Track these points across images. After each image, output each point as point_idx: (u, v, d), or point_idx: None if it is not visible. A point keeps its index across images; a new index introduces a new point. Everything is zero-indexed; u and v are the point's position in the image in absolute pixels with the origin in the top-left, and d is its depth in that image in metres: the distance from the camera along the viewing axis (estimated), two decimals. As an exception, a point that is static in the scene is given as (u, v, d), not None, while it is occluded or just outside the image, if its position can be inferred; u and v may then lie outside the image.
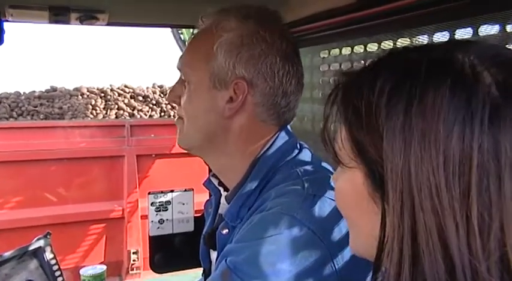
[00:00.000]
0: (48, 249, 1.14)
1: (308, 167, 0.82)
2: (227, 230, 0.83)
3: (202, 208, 1.02)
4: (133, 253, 3.05)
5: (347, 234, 0.72)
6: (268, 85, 0.81)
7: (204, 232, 0.96)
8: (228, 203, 0.85)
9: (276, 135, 0.85)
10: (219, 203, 0.94)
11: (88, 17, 1.04)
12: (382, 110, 0.42)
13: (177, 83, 0.89)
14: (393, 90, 0.42)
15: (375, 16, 1.03)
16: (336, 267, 0.68)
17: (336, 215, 0.71)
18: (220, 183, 0.92)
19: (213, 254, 0.93)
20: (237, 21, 0.82)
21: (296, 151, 0.85)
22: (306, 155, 0.85)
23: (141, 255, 3.03)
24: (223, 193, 0.91)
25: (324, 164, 0.87)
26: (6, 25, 1.07)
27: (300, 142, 0.89)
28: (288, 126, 0.88)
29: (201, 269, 1.15)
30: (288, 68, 0.82)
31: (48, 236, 1.16)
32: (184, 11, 1.07)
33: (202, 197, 1.47)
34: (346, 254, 0.69)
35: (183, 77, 0.87)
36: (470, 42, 0.53)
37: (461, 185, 0.38)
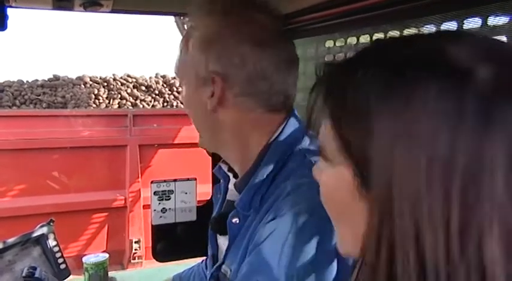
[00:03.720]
0: (51, 236, 1.14)
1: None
2: (237, 219, 0.83)
3: (205, 197, 1.02)
4: (135, 242, 3.06)
5: None
6: (243, 74, 0.80)
7: (213, 216, 0.97)
8: (239, 192, 0.84)
9: (285, 123, 0.84)
10: (227, 189, 0.94)
11: (92, 3, 1.03)
12: (370, 108, 0.40)
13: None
14: (381, 88, 0.40)
15: (379, 6, 1.02)
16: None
17: None
18: (230, 169, 0.92)
19: (220, 239, 0.93)
20: (204, 18, 0.83)
21: (307, 139, 0.83)
22: (317, 143, 0.84)
23: (143, 244, 3.05)
24: (232, 179, 0.91)
25: None
26: (10, 11, 1.06)
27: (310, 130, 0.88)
28: (297, 114, 0.88)
29: (203, 258, 1.16)
30: (264, 52, 0.81)
31: (51, 224, 1.16)
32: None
33: (204, 188, 1.48)
34: None
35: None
36: (462, 34, 0.50)
37: (443, 189, 0.36)
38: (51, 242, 1.14)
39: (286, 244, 0.68)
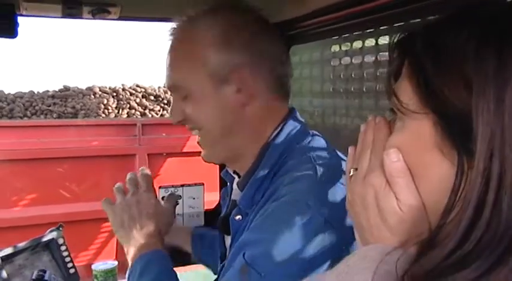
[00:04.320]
0: (60, 241, 1.16)
1: (321, 153, 0.82)
2: (240, 217, 0.84)
3: (212, 205, 1.03)
4: (144, 251, 3.06)
5: None
6: (266, 61, 0.83)
7: (219, 218, 0.97)
8: (241, 190, 0.85)
9: (285, 121, 0.86)
10: (232, 189, 0.96)
11: (100, 10, 1.04)
12: (471, 53, 0.40)
13: (174, 103, 0.88)
14: (482, 33, 0.41)
15: (382, 8, 1.03)
16: (348, 251, 0.69)
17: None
18: (236, 171, 0.93)
19: (227, 240, 0.94)
20: (211, 17, 0.84)
21: (309, 138, 0.85)
22: (319, 142, 0.86)
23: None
24: (236, 180, 0.92)
25: (339, 152, 0.87)
26: (21, 20, 1.08)
27: (312, 130, 0.89)
28: (297, 113, 0.90)
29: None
30: (274, 39, 0.86)
31: (60, 228, 1.17)
32: (199, 4, 1.08)
33: (212, 196, 1.48)
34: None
35: (180, 93, 0.86)
36: None
37: None
38: (61, 247, 1.15)
39: (276, 224, 0.71)
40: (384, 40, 1.16)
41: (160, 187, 1.37)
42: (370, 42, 1.21)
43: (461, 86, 0.41)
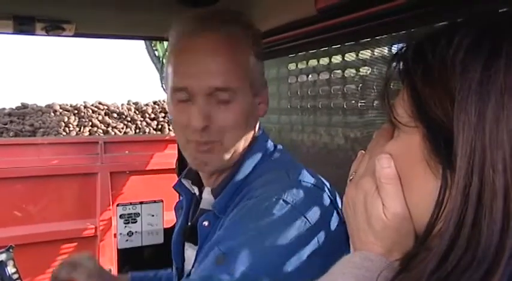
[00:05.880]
0: (10, 263, 1.11)
1: (288, 161, 0.88)
2: (208, 223, 0.85)
3: (172, 224, 1.02)
4: (106, 272, 2.97)
5: (329, 217, 0.77)
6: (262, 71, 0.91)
7: (177, 229, 0.97)
8: (216, 196, 0.86)
9: (259, 130, 0.91)
10: (191, 202, 0.97)
11: (54, 27, 1.04)
12: (457, 66, 0.40)
13: (205, 107, 0.81)
14: (472, 45, 0.40)
15: (336, 27, 1.07)
16: (320, 242, 0.73)
17: (320, 200, 0.78)
18: (194, 183, 0.94)
19: (188, 251, 0.93)
20: (251, 32, 0.87)
21: (275, 147, 0.91)
22: (283, 152, 0.92)
23: (115, 274, 2.96)
24: (207, 189, 0.92)
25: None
26: (-30, 36, 1.05)
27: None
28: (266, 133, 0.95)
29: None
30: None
31: (10, 250, 1.13)
32: (153, 22, 1.09)
33: (173, 215, 1.46)
34: (328, 232, 0.75)
35: (223, 96, 0.81)
36: None
37: None
38: (10, 269, 1.11)
39: (253, 218, 0.73)
40: (336, 59, 1.20)
41: (118, 205, 1.35)
42: (324, 61, 1.25)
43: (448, 99, 0.40)
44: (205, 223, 0.85)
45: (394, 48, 1.01)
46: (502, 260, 0.36)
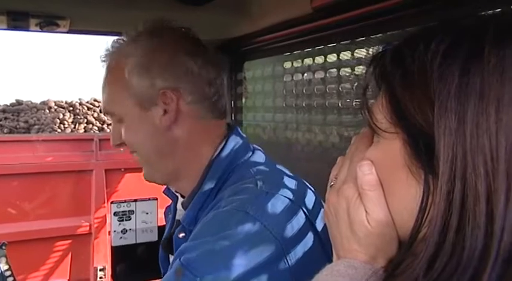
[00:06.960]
0: (3, 260, 1.11)
1: (262, 167, 0.84)
2: (183, 234, 0.84)
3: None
4: (100, 269, 2.95)
5: (299, 231, 0.74)
6: (190, 82, 0.85)
7: (163, 238, 0.97)
8: (185, 209, 0.85)
9: (227, 137, 0.87)
10: (176, 209, 0.96)
11: (48, 23, 1.03)
12: (435, 72, 0.40)
13: (113, 126, 0.91)
14: (449, 49, 0.40)
15: (332, 25, 1.07)
16: (289, 263, 0.69)
17: (289, 212, 0.73)
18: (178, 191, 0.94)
19: (172, 259, 0.93)
20: (133, 44, 0.86)
21: (250, 153, 0.87)
22: (259, 157, 0.88)
23: (108, 272, 2.95)
24: (180, 200, 0.92)
25: (278, 166, 0.89)
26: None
27: (253, 145, 0.91)
28: (239, 130, 0.91)
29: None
30: (200, 59, 0.86)
31: (3, 247, 1.12)
32: (149, 19, 1.08)
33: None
34: (298, 251, 0.71)
35: (114, 117, 0.89)
36: None
37: None
38: (3, 266, 1.11)
39: (212, 229, 0.71)
40: (332, 58, 1.20)
41: (112, 202, 1.34)
42: (319, 59, 1.25)
43: (427, 104, 0.40)
44: (182, 235, 0.85)
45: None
46: (487, 265, 0.36)
